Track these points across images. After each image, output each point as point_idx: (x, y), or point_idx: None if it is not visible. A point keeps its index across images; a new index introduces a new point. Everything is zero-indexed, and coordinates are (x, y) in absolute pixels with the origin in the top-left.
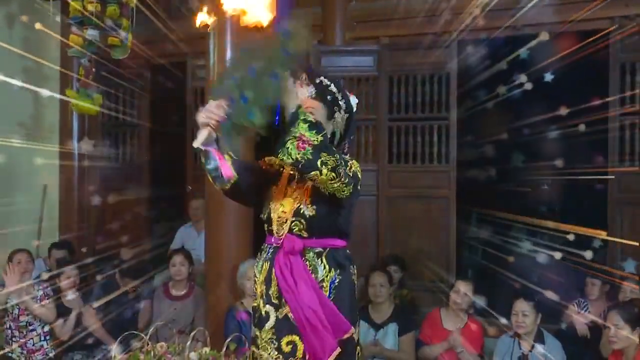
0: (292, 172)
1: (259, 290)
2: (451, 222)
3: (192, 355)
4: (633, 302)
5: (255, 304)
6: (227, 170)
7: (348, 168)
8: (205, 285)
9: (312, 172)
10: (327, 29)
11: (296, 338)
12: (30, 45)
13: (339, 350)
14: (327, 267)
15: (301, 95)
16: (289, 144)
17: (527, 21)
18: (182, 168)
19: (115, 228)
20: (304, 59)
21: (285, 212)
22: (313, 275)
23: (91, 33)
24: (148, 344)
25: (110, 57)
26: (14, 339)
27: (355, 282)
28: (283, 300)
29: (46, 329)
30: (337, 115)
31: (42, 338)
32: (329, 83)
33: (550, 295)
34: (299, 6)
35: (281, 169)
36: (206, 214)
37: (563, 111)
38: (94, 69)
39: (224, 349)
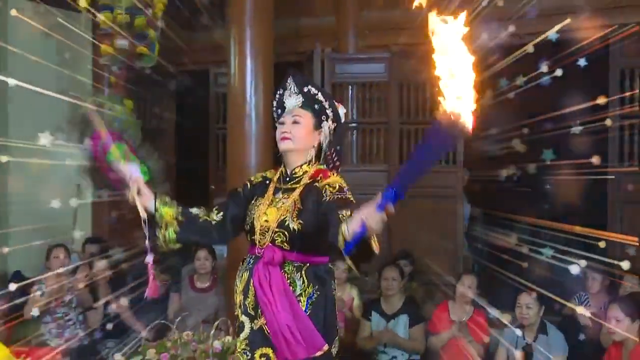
0: (277, 185)
1: (237, 299)
2: (458, 221)
3: (216, 343)
4: (632, 296)
5: (236, 313)
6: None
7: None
8: (227, 278)
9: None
10: (340, 38)
11: (269, 351)
12: (63, 54)
13: None
14: (305, 281)
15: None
16: (343, 228)
17: (529, 30)
18: (206, 169)
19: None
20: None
21: (267, 222)
22: (291, 289)
23: (121, 43)
24: (175, 333)
25: (138, 66)
26: (52, 330)
27: (336, 297)
28: (259, 311)
29: (81, 317)
30: (324, 124)
31: (78, 326)
32: (316, 92)
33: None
34: (314, 16)
35: (267, 182)
36: None
37: (569, 109)
38: (124, 77)
39: None
